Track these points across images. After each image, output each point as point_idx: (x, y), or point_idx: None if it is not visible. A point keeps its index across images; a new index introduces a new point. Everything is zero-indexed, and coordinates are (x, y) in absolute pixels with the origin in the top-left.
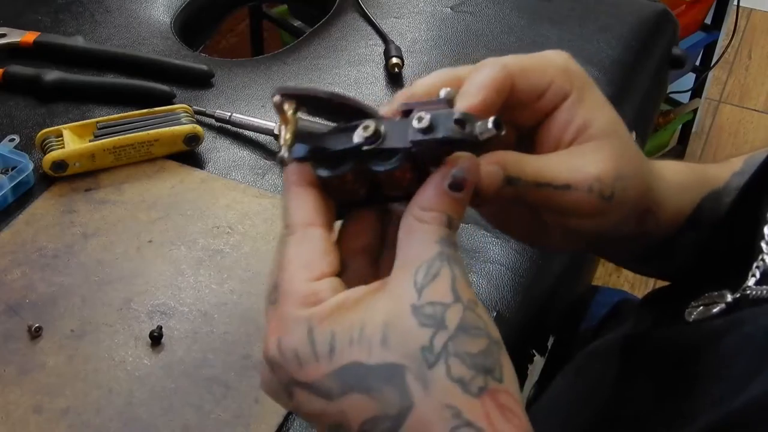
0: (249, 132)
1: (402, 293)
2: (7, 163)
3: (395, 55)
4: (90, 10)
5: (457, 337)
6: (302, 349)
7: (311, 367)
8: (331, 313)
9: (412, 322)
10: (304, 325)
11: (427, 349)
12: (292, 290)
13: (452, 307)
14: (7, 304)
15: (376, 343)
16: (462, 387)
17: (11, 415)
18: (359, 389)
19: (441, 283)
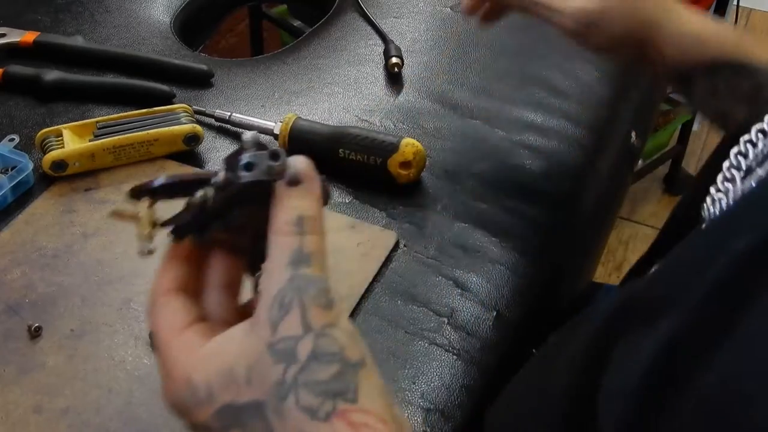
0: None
1: (260, 332)
2: (6, 163)
3: (395, 55)
4: (90, 10)
5: (307, 368)
6: (186, 397)
7: (197, 410)
8: (204, 362)
9: (269, 359)
10: (184, 375)
11: (280, 383)
12: (166, 350)
13: (303, 339)
14: (7, 303)
15: (242, 384)
16: (310, 414)
17: (11, 415)
18: (236, 425)
19: (292, 316)
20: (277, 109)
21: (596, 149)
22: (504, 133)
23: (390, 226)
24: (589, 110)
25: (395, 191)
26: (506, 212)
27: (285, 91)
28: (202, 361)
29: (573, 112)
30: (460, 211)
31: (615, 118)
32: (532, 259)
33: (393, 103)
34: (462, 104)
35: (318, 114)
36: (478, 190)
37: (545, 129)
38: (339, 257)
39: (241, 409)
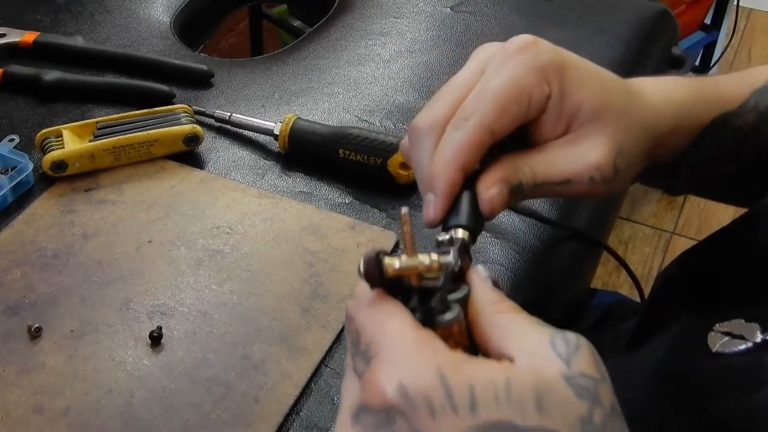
0: (249, 132)
1: (544, 360)
2: (6, 163)
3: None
4: (89, 10)
5: (611, 416)
6: (435, 396)
7: (446, 418)
8: (463, 362)
9: (568, 390)
10: (434, 369)
11: (588, 422)
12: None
13: (603, 384)
14: (7, 304)
15: (530, 406)
16: None
17: (11, 415)
18: None
19: (586, 355)
20: (277, 109)
21: None
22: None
23: (390, 226)
24: None
25: (395, 191)
26: (506, 212)
27: (285, 91)
28: (461, 361)
29: None
30: None
31: None
32: (531, 259)
33: (393, 103)
34: None
35: (318, 114)
36: None
37: None
38: (339, 258)
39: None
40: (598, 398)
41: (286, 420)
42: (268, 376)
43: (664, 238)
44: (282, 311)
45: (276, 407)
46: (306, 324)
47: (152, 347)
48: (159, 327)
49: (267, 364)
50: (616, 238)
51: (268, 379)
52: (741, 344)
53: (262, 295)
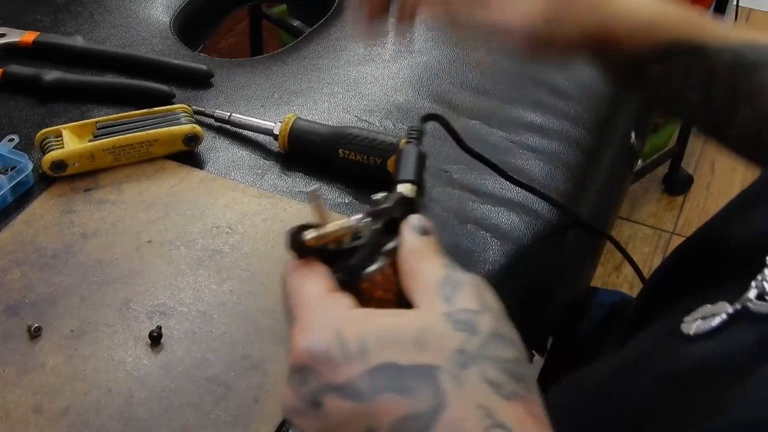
0: (248, 132)
1: (431, 304)
2: (6, 163)
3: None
4: (89, 10)
5: (490, 343)
6: (333, 350)
7: (343, 368)
8: (359, 318)
9: (446, 326)
10: (331, 327)
11: (461, 352)
12: (311, 299)
13: (483, 314)
14: (7, 304)
15: (409, 345)
16: (495, 389)
17: (11, 415)
18: (393, 388)
19: (468, 291)
20: (277, 109)
21: (596, 149)
22: (504, 133)
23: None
24: (589, 110)
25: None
26: (506, 212)
27: (285, 91)
28: (355, 317)
29: (573, 112)
30: (459, 211)
31: (615, 118)
32: (531, 259)
33: (393, 103)
34: (462, 104)
35: (318, 114)
36: (478, 191)
37: (545, 129)
38: None
39: (406, 371)
40: (475, 328)
41: (286, 420)
42: (268, 375)
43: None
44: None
45: (276, 407)
46: None
47: (152, 347)
48: (159, 327)
49: (267, 364)
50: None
51: (268, 378)
52: (715, 320)
53: (261, 295)
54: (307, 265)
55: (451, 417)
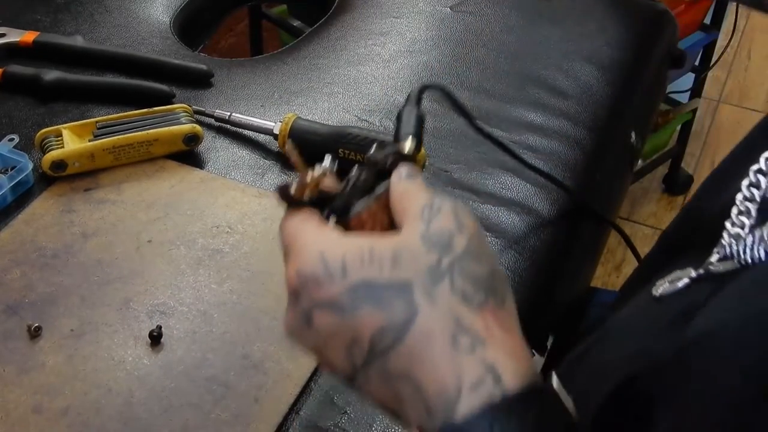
0: (248, 132)
1: (411, 228)
2: (6, 163)
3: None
4: (89, 10)
5: (463, 259)
6: (317, 271)
7: (328, 285)
8: (341, 241)
9: (421, 246)
10: (316, 251)
11: (434, 268)
12: (300, 233)
13: (458, 234)
14: (7, 303)
15: (387, 264)
16: (464, 299)
17: (11, 415)
18: (371, 302)
19: (445, 214)
20: (277, 109)
21: (596, 149)
22: (504, 132)
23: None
24: (589, 110)
25: None
26: (506, 212)
27: (285, 91)
28: (338, 241)
29: (573, 112)
30: None
31: (615, 118)
32: (531, 258)
33: (393, 103)
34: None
35: (318, 114)
36: (478, 191)
37: (545, 129)
38: None
39: (382, 287)
40: (450, 247)
41: (286, 419)
42: (268, 375)
43: None
44: (282, 311)
45: (276, 407)
46: None
47: (152, 347)
48: (159, 326)
49: (267, 364)
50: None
51: (268, 378)
52: (680, 282)
53: (261, 295)
54: (298, 210)
55: (422, 324)
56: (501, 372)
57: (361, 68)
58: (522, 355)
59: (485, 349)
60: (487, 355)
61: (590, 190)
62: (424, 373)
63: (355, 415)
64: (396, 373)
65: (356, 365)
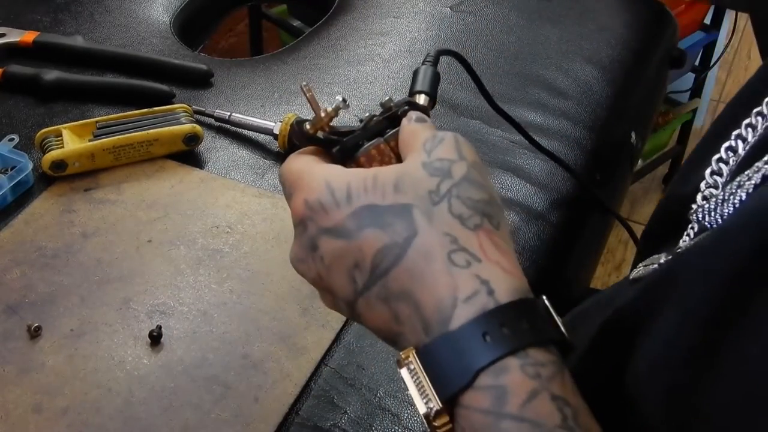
0: (248, 131)
1: (413, 157)
2: (6, 163)
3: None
4: (89, 10)
5: (460, 185)
6: (324, 198)
7: (333, 212)
8: (345, 171)
9: (422, 172)
10: (322, 180)
11: (434, 192)
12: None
13: (457, 163)
14: (7, 303)
15: (389, 189)
16: (460, 221)
17: (11, 415)
18: (373, 225)
19: (446, 144)
20: (277, 108)
21: (596, 149)
22: (504, 132)
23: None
24: (589, 110)
25: None
26: (506, 212)
27: (285, 91)
28: (342, 170)
29: (573, 112)
30: None
31: (615, 118)
32: (531, 259)
33: None
34: (462, 104)
35: None
36: None
37: (545, 129)
38: None
39: (384, 210)
40: (449, 173)
41: (286, 419)
42: (268, 375)
43: None
44: (281, 311)
45: (275, 406)
46: (305, 323)
47: (152, 346)
48: (158, 326)
49: (266, 364)
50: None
51: (268, 378)
52: (651, 267)
53: (261, 295)
54: (303, 150)
55: (421, 243)
56: (494, 286)
57: (361, 68)
58: (515, 273)
59: (480, 265)
60: (482, 271)
61: (589, 191)
62: (423, 290)
63: (355, 415)
64: (396, 293)
65: (358, 289)
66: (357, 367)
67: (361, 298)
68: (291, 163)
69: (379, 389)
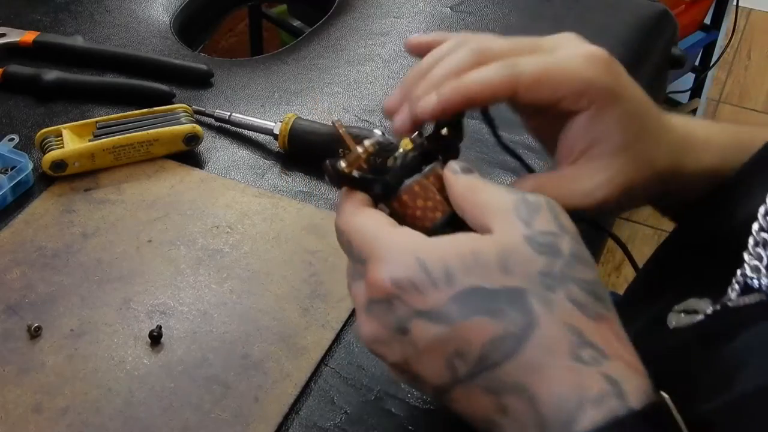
0: (248, 132)
1: (509, 227)
2: (6, 163)
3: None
4: (89, 10)
5: (572, 265)
6: (418, 277)
7: (430, 293)
8: (436, 244)
9: (528, 249)
10: (410, 254)
11: (547, 274)
12: (378, 232)
13: (563, 237)
14: (7, 303)
15: (494, 269)
16: (582, 309)
17: (11, 415)
18: (482, 311)
19: (544, 214)
20: (277, 109)
21: None
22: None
23: None
24: None
25: None
26: None
27: (285, 91)
28: (433, 244)
29: None
30: None
31: None
32: None
33: None
34: None
35: (318, 114)
36: None
37: None
38: (339, 257)
39: (494, 294)
40: (558, 250)
41: (286, 419)
42: (268, 375)
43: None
44: (282, 311)
45: (276, 407)
46: (306, 323)
47: (152, 347)
48: (159, 326)
49: (267, 364)
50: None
51: (268, 378)
52: (696, 317)
53: (261, 295)
54: (354, 201)
55: (542, 336)
56: (624, 387)
57: (361, 68)
58: (639, 368)
59: (607, 362)
60: (609, 368)
61: None
62: (541, 385)
63: (355, 415)
64: (507, 385)
65: (458, 377)
66: (357, 367)
67: (460, 387)
68: (355, 221)
69: (379, 389)
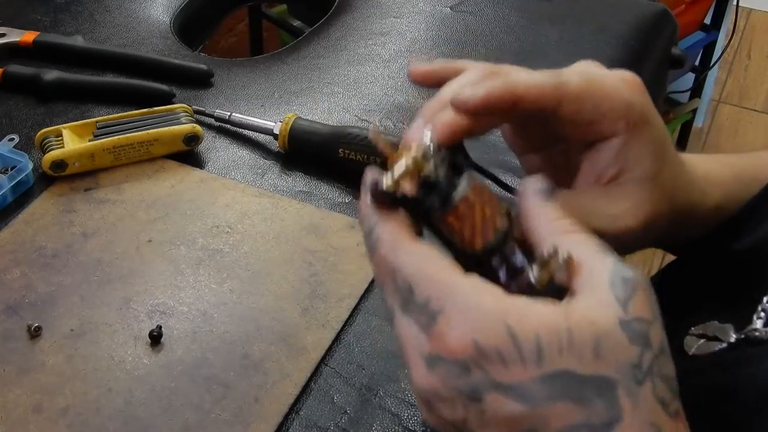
0: (248, 131)
1: (603, 306)
2: (6, 163)
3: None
4: (89, 10)
5: (659, 358)
6: (506, 349)
7: (516, 369)
8: (526, 311)
9: (622, 336)
10: (500, 321)
11: (637, 367)
12: (456, 286)
13: (654, 326)
14: (7, 303)
15: (588, 353)
16: (664, 407)
17: (11, 415)
18: (569, 397)
19: (642, 297)
20: (277, 108)
21: None
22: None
23: None
24: None
25: None
26: None
27: (285, 91)
28: (521, 311)
29: None
30: None
31: None
32: None
33: (393, 103)
34: None
35: (318, 114)
36: None
37: None
38: (339, 257)
39: (584, 381)
40: (649, 341)
41: (286, 419)
42: (268, 375)
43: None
44: (282, 311)
45: (276, 406)
46: (306, 323)
47: (152, 346)
48: (159, 326)
49: (267, 364)
50: None
51: (268, 378)
52: (716, 345)
53: (261, 295)
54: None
55: (624, 430)
56: None
57: (361, 68)
58: None
59: None
60: None
61: None
62: None
63: (355, 415)
64: None
65: None
66: (357, 367)
67: None
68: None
69: (379, 389)
